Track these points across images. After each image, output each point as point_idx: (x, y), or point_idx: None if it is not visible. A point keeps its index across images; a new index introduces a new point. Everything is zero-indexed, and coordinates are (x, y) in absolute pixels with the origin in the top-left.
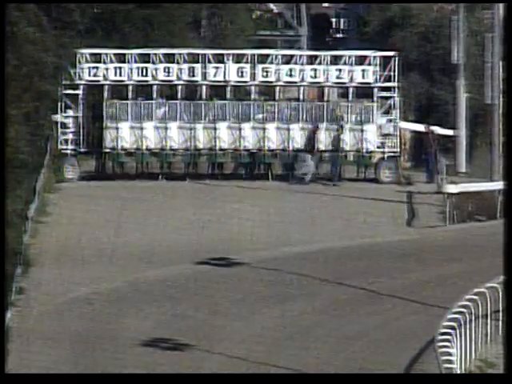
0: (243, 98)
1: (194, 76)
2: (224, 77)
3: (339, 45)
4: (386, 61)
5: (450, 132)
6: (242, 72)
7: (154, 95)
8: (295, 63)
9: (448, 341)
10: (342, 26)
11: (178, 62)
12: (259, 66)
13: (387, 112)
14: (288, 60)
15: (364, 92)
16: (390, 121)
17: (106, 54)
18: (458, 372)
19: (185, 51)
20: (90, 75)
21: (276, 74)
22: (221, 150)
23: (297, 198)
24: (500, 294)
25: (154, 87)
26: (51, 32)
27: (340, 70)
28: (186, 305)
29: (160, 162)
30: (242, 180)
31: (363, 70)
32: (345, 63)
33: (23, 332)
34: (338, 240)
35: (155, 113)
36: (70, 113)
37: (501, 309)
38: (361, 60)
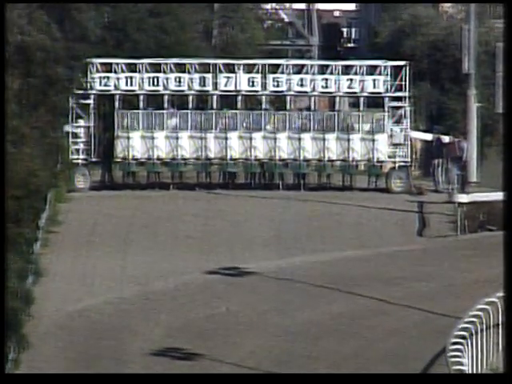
0: (254, 108)
1: (204, 86)
2: (235, 86)
3: (350, 54)
4: (396, 70)
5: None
6: (252, 82)
7: (165, 105)
8: (306, 73)
9: (459, 350)
10: (353, 36)
11: (189, 72)
12: (270, 76)
13: (398, 121)
14: (299, 70)
15: (375, 102)
16: (401, 130)
17: (117, 64)
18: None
19: (196, 61)
20: (101, 85)
21: (287, 83)
22: (232, 159)
23: (308, 208)
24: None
25: (165, 97)
26: (62, 40)
27: (351, 80)
28: (197, 314)
29: (171, 171)
30: (253, 189)
31: (374, 80)
32: (356, 73)
33: (35, 342)
34: (349, 249)
35: (166, 122)
36: (81, 123)
37: None
38: (372, 70)
